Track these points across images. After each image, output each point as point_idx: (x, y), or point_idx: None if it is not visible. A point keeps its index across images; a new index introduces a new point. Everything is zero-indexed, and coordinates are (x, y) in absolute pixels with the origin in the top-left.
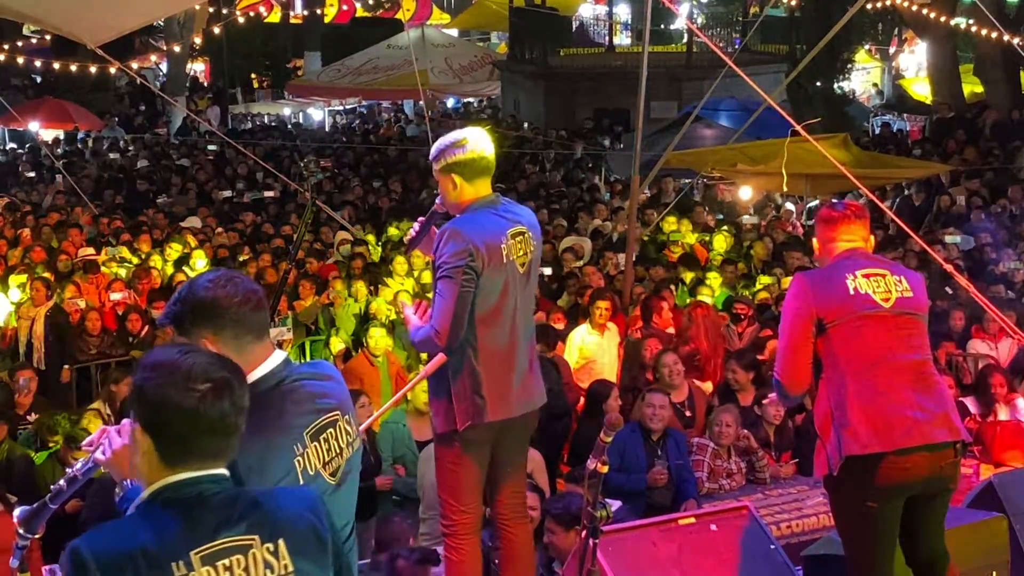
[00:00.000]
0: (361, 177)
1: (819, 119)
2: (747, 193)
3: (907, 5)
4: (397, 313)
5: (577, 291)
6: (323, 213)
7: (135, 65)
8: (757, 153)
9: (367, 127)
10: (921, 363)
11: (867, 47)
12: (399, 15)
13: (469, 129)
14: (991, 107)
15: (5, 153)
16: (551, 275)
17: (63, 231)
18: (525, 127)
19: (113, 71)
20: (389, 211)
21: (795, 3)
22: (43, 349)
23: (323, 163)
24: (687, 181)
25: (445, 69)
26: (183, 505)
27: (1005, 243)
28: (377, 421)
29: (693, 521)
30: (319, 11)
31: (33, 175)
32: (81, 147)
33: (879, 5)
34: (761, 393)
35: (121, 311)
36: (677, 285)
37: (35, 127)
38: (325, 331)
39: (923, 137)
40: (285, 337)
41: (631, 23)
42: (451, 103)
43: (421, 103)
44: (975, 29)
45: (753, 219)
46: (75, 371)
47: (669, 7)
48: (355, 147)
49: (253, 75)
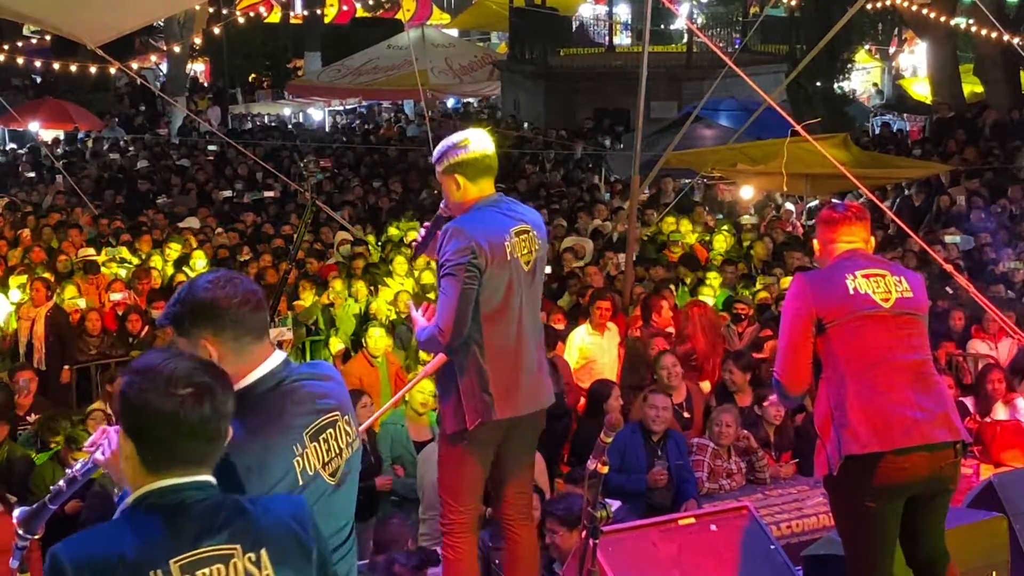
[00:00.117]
0: (361, 177)
1: (819, 119)
2: (747, 193)
3: (907, 5)
4: (397, 313)
5: (578, 291)
6: (323, 213)
7: (135, 65)
8: (757, 153)
9: (367, 127)
10: (921, 363)
11: (867, 47)
12: (399, 15)
13: (470, 130)
14: (991, 107)
15: (5, 153)
16: (551, 275)
17: (63, 231)
18: (525, 127)
19: (113, 71)
20: (389, 211)
21: (795, 3)
22: (43, 350)
23: (323, 163)
24: (687, 181)
25: (445, 69)
26: (166, 512)
27: (1005, 243)
28: (377, 421)
29: (693, 521)
30: (319, 11)
31: (33, 175)
32: (81, 147)
33: (879, 5)
34: (761, 394)
35: (121, 311)
36: (677, 285)
37: (35, 127)
38: (325, 331)
39: (923, 137)
40: (285, 337)
41: (631, 23)
42: (451, 103)
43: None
44: (975, 29)
45: (753, 219)
46: (75, 371)
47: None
48: (355, 147)
49: (253, 75)
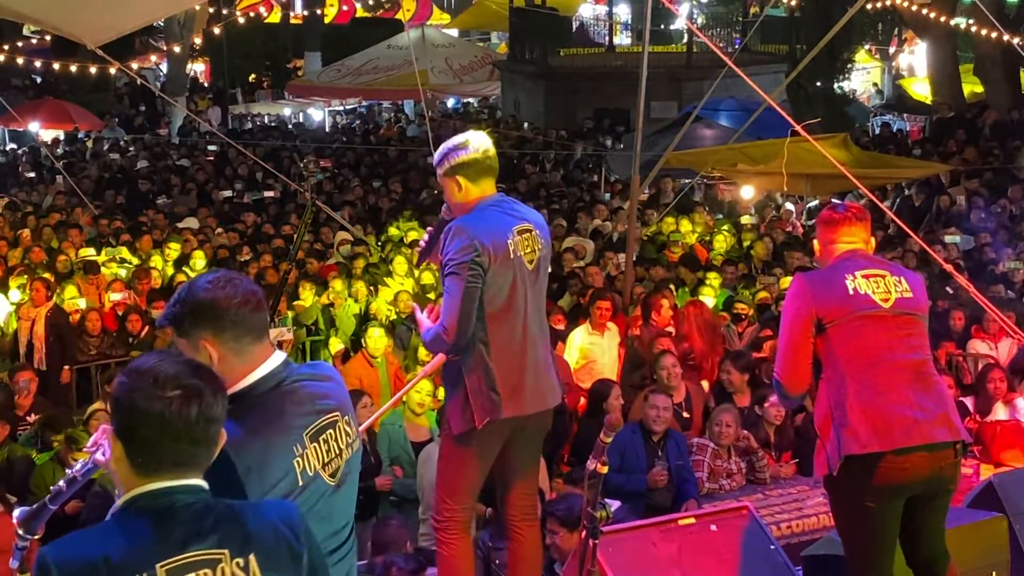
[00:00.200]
0: (361, 177)
1: (819, 119)
2: (747, 193)
3: (907, 5)
4: (398, 313)
5: (579, 291)
6: (323, 213)
7: (135, 65)
8: (757, 153)
9: (367, 127)
10: (921, 363)
11: (867, 47)
12: (399, 15)
13: (470, 132)
14: (991, 107)
15: (5, 153)
16: (551, 275)
17: (63, 232)
18: (525, 127)
19: (113, 71)
20: (389, 211)
21: (795, 3)
22: (43, 350)
23: (323, 163)
24: (687, 181)
25: (445, 69)
26: (154, 515)
27: (1005, 243)
28: (377, 422)
29: (693, 521)
30: (319, 11)
31: (33, 175)
32: (81, 147)
33: (879, 5)
34: (761, 394)
35: (121, 312)
36: (678, 286)
37: (35, 127)
38: (325, 331)
39: (923, 137)
40: (285, 338)
41: (631, 23)
42: (451, 103)
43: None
44: (975, 29)
45: (753, 219)
46: (75, 372)
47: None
48: (355, 147)
49: (253, 75)
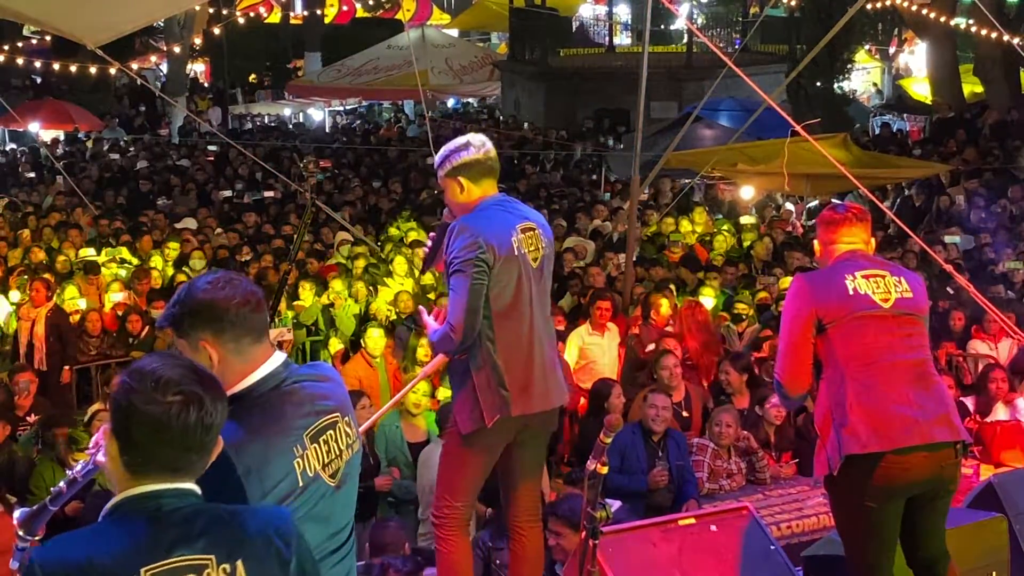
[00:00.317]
0: (361, 177)
1: (819, 119)
2: (747, 193)
3: (907, 5)
4: (398, 314)
5: (579, 292)
6: (323, 213)
7: (135, 65)
8: (757, 153)
9: (367, 127)
10: (921, 363)
11: (867, 47)
12: (399, 15)
13: (471, 134)
14: (991, 107)
15: (5, 154)
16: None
17: (63, 232)
18: (525, 127)
19: (113, 71)
20: (389, 211)
21: (795, 3)
22: (43, 350)
23: (323, 163)
24: (687, 181)
25: (445, 69)
26: (142, 518)
27: (1005, 243)
28: (376, 422)
29: (693, 522)
30: (319, 12)
31: (33, 176)
32: (81, 148)
33: (879, 5)
34: (762, 394)
35: (121, 312)
36: (678, 286)
37: (35, 128)
38: (325, 332)
39: (923, 137)
40: (285, 338)
41: (631, 23)
42: (451, 103)
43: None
44: (975, 29)
45: (753, 219)
46: (75, 372)
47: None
48: (355, 147)
49: (253, 76)
